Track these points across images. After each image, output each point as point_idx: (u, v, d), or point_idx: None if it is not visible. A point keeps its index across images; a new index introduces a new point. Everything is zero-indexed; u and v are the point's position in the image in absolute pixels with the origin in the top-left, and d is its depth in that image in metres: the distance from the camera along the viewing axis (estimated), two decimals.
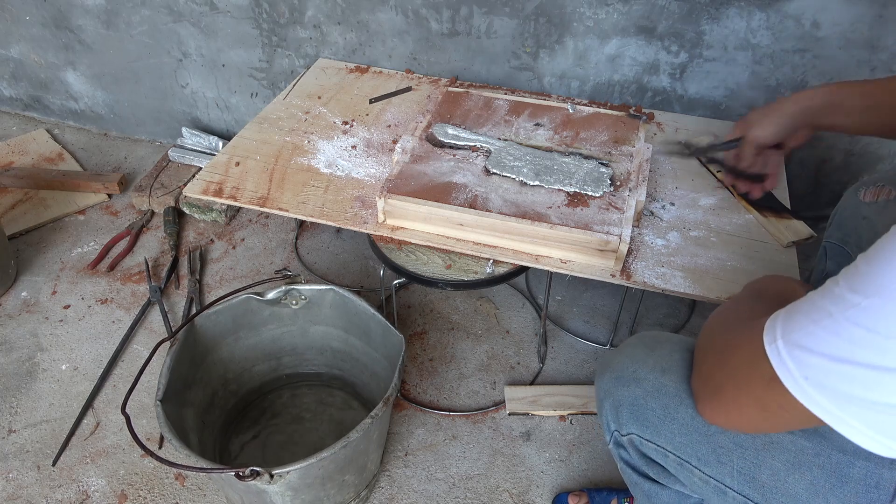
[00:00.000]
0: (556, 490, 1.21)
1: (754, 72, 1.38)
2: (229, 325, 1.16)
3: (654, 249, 1.13)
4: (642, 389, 0.74)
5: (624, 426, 0.77)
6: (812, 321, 0.52)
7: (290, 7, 1.59)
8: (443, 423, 1.31)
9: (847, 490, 0.64)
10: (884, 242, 0.49)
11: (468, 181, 1.16)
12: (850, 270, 0.51)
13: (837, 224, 0.99)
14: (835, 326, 0.50)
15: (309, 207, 1.21)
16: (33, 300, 1.56)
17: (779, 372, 0.54)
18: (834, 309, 0.50)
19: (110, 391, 1.37)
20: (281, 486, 0.91)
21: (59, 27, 1.83)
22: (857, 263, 0.51)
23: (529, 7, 1.42)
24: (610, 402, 0.78)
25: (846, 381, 0.50)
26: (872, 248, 0.50)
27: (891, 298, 0.47)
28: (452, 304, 1.56)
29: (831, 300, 0.51)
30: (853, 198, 0.97)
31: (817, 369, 0.51)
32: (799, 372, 0.52)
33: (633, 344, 0.81)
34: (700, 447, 0.70)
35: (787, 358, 0.53)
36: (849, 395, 0.50)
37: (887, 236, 0.50)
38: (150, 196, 1.75)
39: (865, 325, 0.48)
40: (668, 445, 0.73)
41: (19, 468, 1.24)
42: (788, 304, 0.56)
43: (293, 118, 1.44)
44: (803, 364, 0.52)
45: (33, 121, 2.14)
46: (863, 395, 0.50)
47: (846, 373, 0.50)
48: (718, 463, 0.69)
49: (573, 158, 1.19)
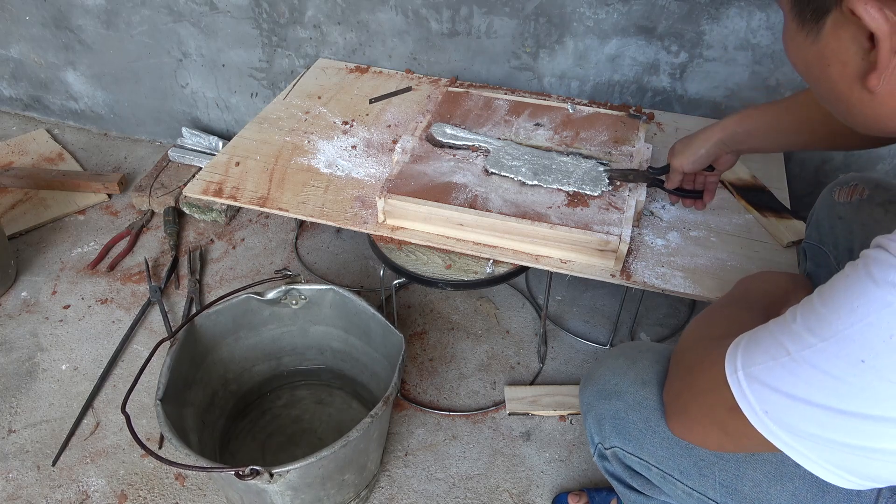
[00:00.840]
0: (556, 490, 1.21)
1: (754, 72, 1.38)
2: (229, 325, 1.16)
3: (653, 249, 1.13)
4: (623, 403, 0.74)
5: (607, 439, 0.77)
6: (771, 357, 0.52)
7: (290, 7, 1.59)
8: (443, 423, 1.31)
9: (829, 500, 0.64)
10: (838, 283, 0.50)
11: (468, 181, 1.16)
12: (808, 308, 0.52)
13: (815, 224, 1.00)
14: (792, 365, 0.51)
15: (309, 207, 1.21)
16: (33, 300, 1.56)
17: (740, 403, 0.54)
18: (792, 348, 0.51)
19: (110, 391, 1.37)
20: (281, 485, 0.91)
21: (59, 27, 1.83)
22: (813, 301, 0.51)
23: (529, 7, 1.42)
24: (592, 415, 0.78)
25: (804, 419, 0.51)
26: (829, 285, 0.51)
27: (844, 344, 0.47)
28: (452, 304, 1.56)
29: (789, 337, 0.51)
30: (828, 198, 0.97)
31: (776, 406, 0.52)
32: (759, 406, 0.53)
33: (614, 355, 0.80)
34: (682, 460, 0.70)
35: (747, 391, 0.54)
36: (807, 432, 0.51)
37: (841, 276, 0.50)
38: (150, 196, 1.75)
39: (821, 367, 0.49)
40: (651, 459, 0.73)
41: (19, 468, 1.24)
42: (749, 332, 0.57)
43: (293, 118, 1.44)
44: (763, 399, 0.53)
45: (33, 121, 2.14)
46: (821, 433, 0.50)
47: (804, 412, 0.50)
48: (701, 476, 0.69)
49: (572, 158, 1.19)
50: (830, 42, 0.52)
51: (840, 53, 0.51)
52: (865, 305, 0.47)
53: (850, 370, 0.47)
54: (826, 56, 0.53)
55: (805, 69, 0.57)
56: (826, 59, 0.53)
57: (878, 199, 0.89)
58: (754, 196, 1.23)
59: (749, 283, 0.80)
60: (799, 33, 0.54)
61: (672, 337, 1.48)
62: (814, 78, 0.56)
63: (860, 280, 0.48)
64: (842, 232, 0.93)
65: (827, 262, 0.96)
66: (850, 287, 0.48)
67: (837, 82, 0.53)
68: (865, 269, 0.48)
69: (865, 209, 0.90)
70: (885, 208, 0.88)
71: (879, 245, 0.48)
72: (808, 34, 0.53)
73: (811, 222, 1.01)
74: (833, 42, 0.51)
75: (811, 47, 0.54)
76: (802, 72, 0.58)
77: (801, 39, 0.54)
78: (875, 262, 0.47)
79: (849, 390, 0.48)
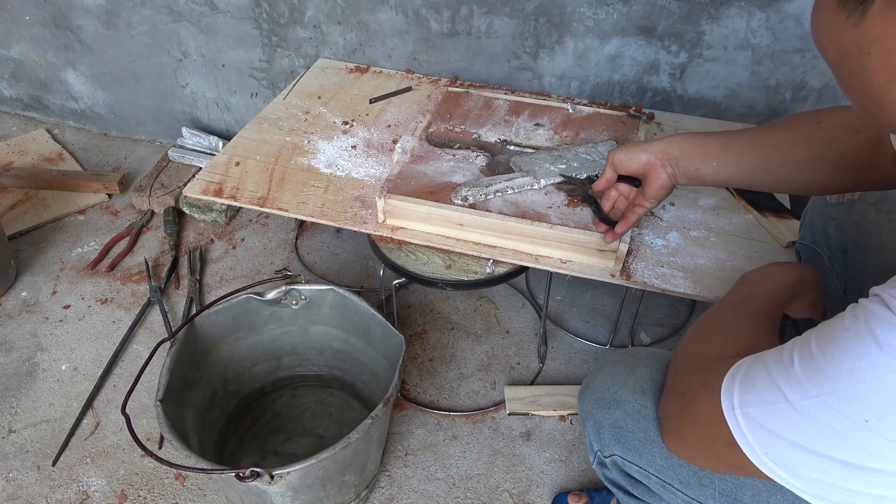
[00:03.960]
0: (556, 490, 1.21)
1: (754, 72, 1.38)
2: (229, 325, 1.16)
3: (653, 249, 1.13)
4: (623, 412, 0.74)
5: (606, 447, 0.77)
6: (769, 402, 0.52)
7: (290, 7, 1.59)
8: (443, 423, 1.31)
9: None
10: (838, 335, 0.49)
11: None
12: (806, 354, 0.51)
13: (808, 225, 0.99)
14: (793, 414, 0.50)
15: (309, 207, 1.21)
16: (33, 300, 1.56)
17: (739, 442, 0.54)
18: (791, 395, 0.50)
19: (110, 391, 1.37)
20: (281, 486, 0.91)
21: (59, 27, 1.83)
22: (811, 346, 0.50)
23: (529, 7, 1.42)
24: (592, 423, 0.78)
25: (807, 465, 0.51)
26: (827, 333, 0.50)
27: (846, 402, 0.47)
28: (452, 304, 1.56)
29: (788, 383, 0.51)
30: (820, 199, 0.97)
31: (777, 450, 0.52)
32: (759, 447, 0.53)
33: (613, 363, 0.80)
34: (681, 470, 0.70)
35: (746, 432, 0.53)
36: (810, 477, 0.51)
37: (840, 326, 0.49)
38: (150, 196, 1.75)
39: (823, 421, 0.48)
40: (650, 468, 0.72)
41: (19, 468, 1.24)
42: (746, 362, 0.56)
43: (293, 118, 1.44)
44: (763, 442, 0.53)
45: (33, 121, 2.14)
46: (824, 479, 0.50)
47: (806, 459, 0.50)
48: (700, 486, 0.69)
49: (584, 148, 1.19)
50: (876, 25, 0.47)
51: (887, 39, 0.47)
52: (867, 368, 0.46)
53: (853, 428, 0.47)
54: (868, 42, 0.48)
55: (838, 56, 0.52)
56: (867, 46, 0.48)
57: (869, 198, 0.89)
58: (754, 196, 1.23)
59: (752, 284, 0.79)
60: (838, 14, 0.49)
61: (672, 337, 1.48)
62: (847, 68, 0.51)
63: (861, 338, 0.47)
64: (835, 232, 0.93)
65: (821, 263, 0.96)
66: (851, 343, 0.47)
67: (876, 73, 0.49)
68: (867, 327, 0.47)
69: (857, 209, 0.90)
70: (877, 208, 0.88)
71: (878, 297, 0.47)
72: (849, 15, 0.48)
73: (804, 223, 1.01)
74: (879, 26, 0.47)
75: (850, 31, 0.49)
76: (833, 59, 0.53)
77: (840, 21, 0.49)
78: (876, 320, 0.46)
79: (853, 446, 0.48)
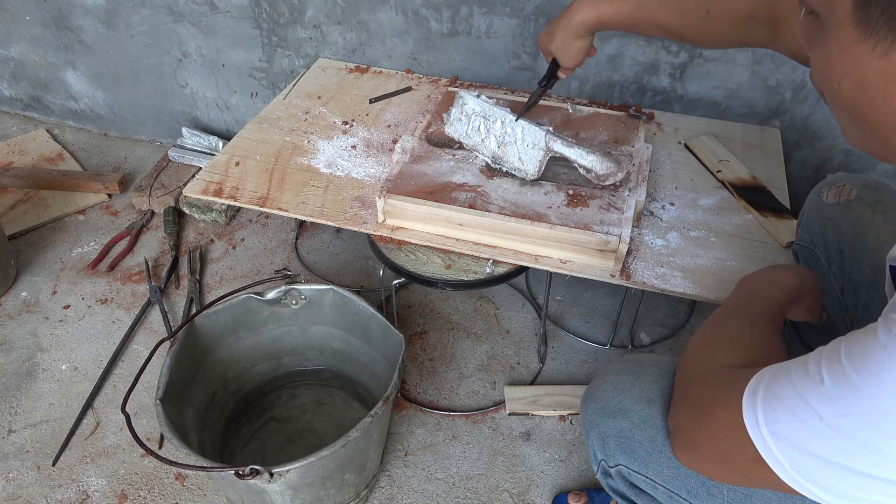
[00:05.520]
0: (556, 490, 1.21)
1: (754, 72, 1.38)
2: (229, 325, 1.16)
3: (653, 249, 1.13)
4: (628, 421, 0.73)
5: (611, 457, 0.75)
6: (799, 419, 0.50)
7: (290, 7, 1.59)
8: (443, 423, 1.31)
9: None
10: (871, 350, 0.47)
11: (468, 181, 1.16)
12: (836, 369, 0.49)
13: (805, 226, 0.99)
14: (827, 432, 0.49)
15: (309, 207, 1.21)
16: (33, 300, 1.56)
17: (766, 459, 0.53)
18: (825, 413, 0.49)
19: (110, 391, 1.37)
20: (281, 484, 0.91)
21: (59, 27, 1.83)
22: (842, 360, 0.49)
23: (529, 7, 1.42)
24: (596, 432, 0.77)
25: (843, 482, 0.49)
26: (858, 347, 0.48)
27: (888, 421, 0.46)
28: (452, 304, 1.56)
29: (819, 399, 0.49)
30: (817, 199, 0.97)
31: (811, 468, 0.50)
32: (789, 465, 0.51)
33: (617, 370, 0.78)
34: (689, 480, 0.69)
35: (775, 449, 0.52)
36: (846, 493, 0.50)
37: (873, 340, 0.47)
38: (150, 196, 1.75)
39: (862, 440, 0.47)
40: (657, 478, 0.71)
41: (19, 468, 1.24)
42: (766, 375, 0.55)
43: (293, 118, 1.44)
44: (794, 460, 0.51)
45: (33, 121, 2.14)
46: (862, 495, 0.49)
47: (843, 476, 0.49)
48: (709, 496, 0.68)
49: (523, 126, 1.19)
50: None
51: None
52: None
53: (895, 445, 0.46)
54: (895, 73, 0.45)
55: (856, 88, 0.49)
56: (894, 77, 0.46)
57: (865, 199, 0.89)
58: (754, 196, 1.23)
59: (755, 288, 0.78)
60: (860, 44, 0.47)
61: (672, 337, 1.48)
62: (868, 100, 0.49)
63: None
64: (832, 233, 0.93)
65: (818, 264, 0.96)
66: (891, 361, 0.46)
67: None
68: None
69: (854, 209, 0.90)
70: (874, 208, 0.88)
71: None
72: (876, 46, 0.45)
73: (801, 224, 1.01)
74: None
75: (876, 61, 0.46)
76: (849, 91, 0.50)
77: (863, 52, 0.47)
78: None
79: (892, 463, 0.47)
